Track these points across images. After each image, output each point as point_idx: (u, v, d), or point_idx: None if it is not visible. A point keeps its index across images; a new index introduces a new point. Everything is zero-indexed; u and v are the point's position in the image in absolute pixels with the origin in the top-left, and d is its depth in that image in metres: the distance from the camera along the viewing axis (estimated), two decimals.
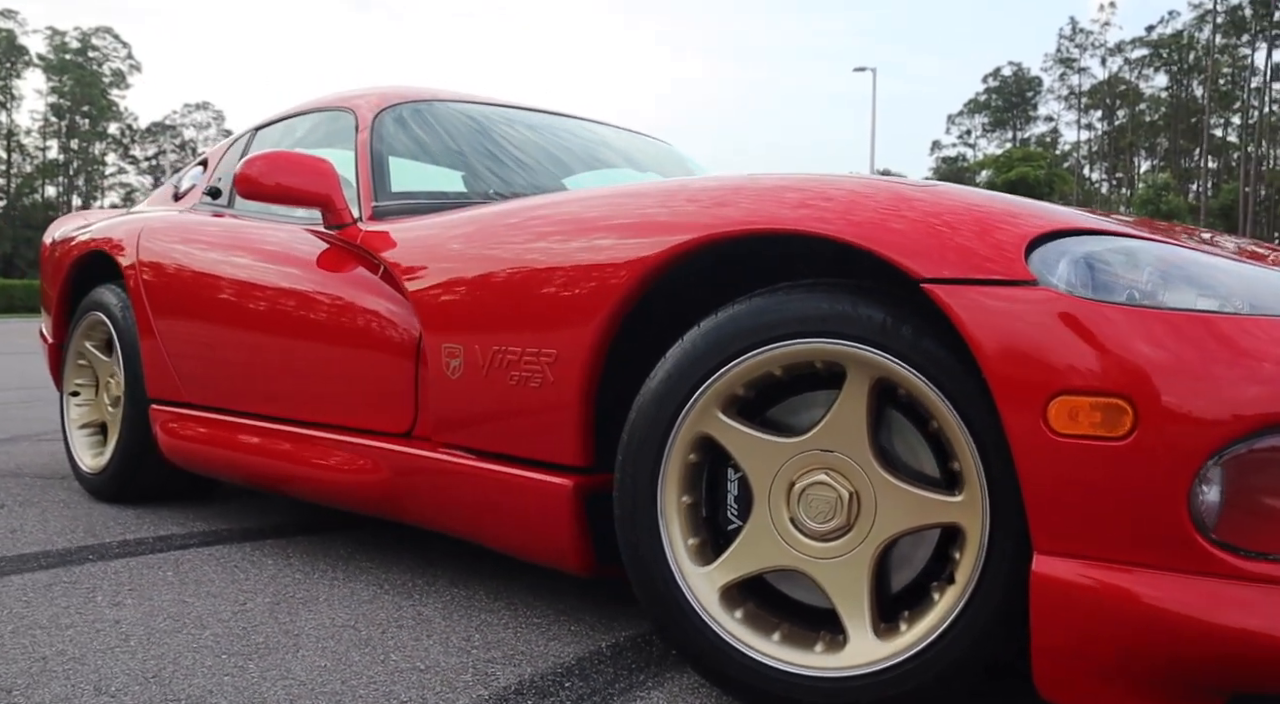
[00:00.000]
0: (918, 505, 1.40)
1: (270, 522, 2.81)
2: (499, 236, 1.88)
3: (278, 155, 2.37)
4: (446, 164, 2.56)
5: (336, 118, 2.78)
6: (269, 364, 2.42)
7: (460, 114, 2.72)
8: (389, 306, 2.18)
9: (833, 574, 1.45)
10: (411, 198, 2.44)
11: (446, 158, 2.57)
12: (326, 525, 2.76)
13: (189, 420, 2.69)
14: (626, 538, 1.56)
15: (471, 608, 2.00)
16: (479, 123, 2.71)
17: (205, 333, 2.61)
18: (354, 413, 2.22)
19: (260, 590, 2.10)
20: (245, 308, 2.49)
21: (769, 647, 1.46)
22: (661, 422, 1.52)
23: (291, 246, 2.46)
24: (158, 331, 2.78)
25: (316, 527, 2.74)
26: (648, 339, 1.68)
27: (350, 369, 2.22)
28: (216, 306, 2.57)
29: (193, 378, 2.68)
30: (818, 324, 1.42)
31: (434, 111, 2.69)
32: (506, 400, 1.81)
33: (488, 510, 1.88)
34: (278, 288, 2.42)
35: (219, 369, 2.59)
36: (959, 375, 1.34)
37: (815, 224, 1.40)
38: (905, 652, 1.38)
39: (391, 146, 2.55)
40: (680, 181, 1.69)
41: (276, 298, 2.42)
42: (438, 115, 2.68)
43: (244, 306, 2.50)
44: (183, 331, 2.69)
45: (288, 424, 2.39)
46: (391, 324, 2.15)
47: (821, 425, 1.45)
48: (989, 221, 1.34)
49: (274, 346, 2.40)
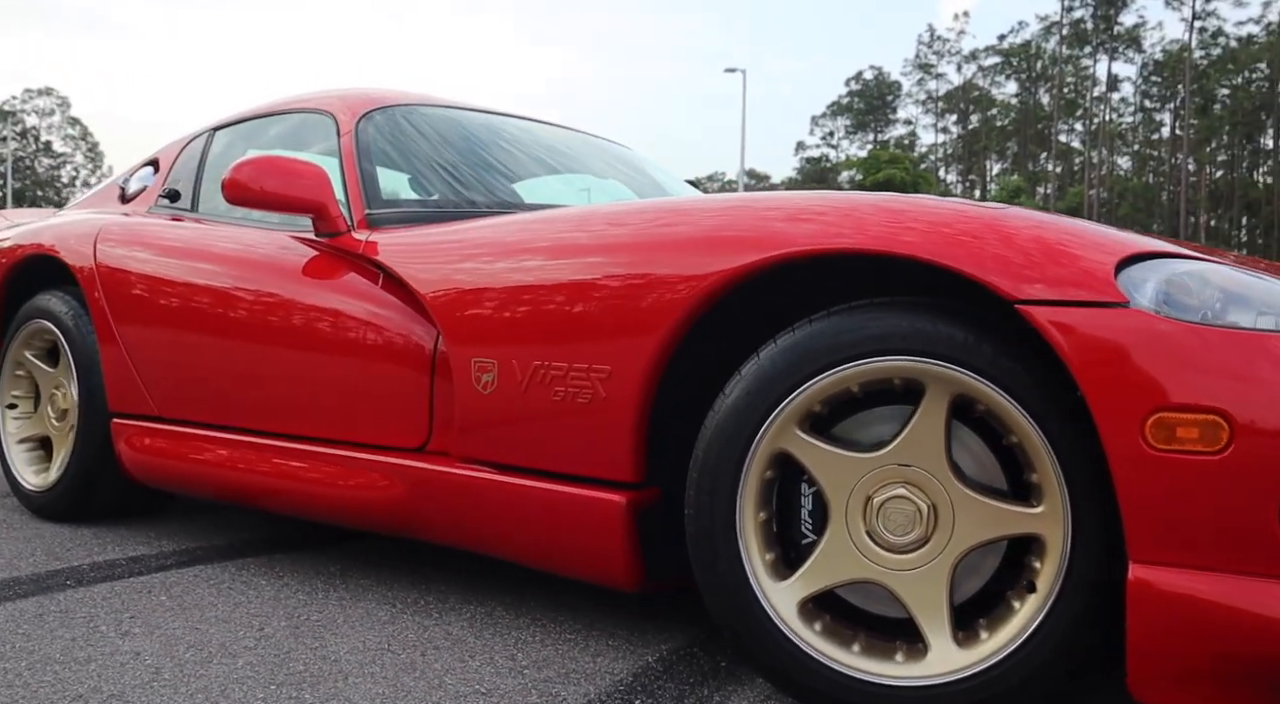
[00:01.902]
0: (996, 517, 1.46)
1: (238, 538, 2.71)
2: (539, 249, 1.87)
3: (267, 160, 2.29)
4: (433, 171, 2.51)
5: (311, 121, 2.69)
6: (259, 376, 2.34)
7: (445, 119, 2.67)
8: (395, 318, 2.13)
9: (911, 585, 1.49)
10: (403, 206, 2.38)
11: (433, 164, 2.52)
12: (301, 541, 2.67)
13: (161, 435, 2.56)
14: (702, 555, 1.57)
15: (497, 625, 1.98)
16: (465, 129, 2.67)
17: (183, 344, 2.49)
18: (359, 427, 2.16)
19: (270, 614, 2.02)
20: (230, 318, 2.39)
21: (850, 658, 1.50)
22: (740, 438, 1.53)
23: (280, 255, 2.38)
24: (123, 342, 2.64)
25: (290, 542, 2.66)
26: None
27: (354, 382, 2.16)
28: (196, 317, 2.46)
29: (166, 391, 2.56)
30: (899, 342, 1.46)
31: (418, 116, 2.64)
32: (549, 416, 1.79)
33: (524, 527, 1.86)
34: (267, 297, 2.34)
35: (199, 382, 2.48)
36: (1039, 391, 1.40)
37: (905, 246, 1.44)
38: (989, 659, 1.43)
39: (377, 152, 2.49)
40: (743, 197, 1.70)
41: (266, 308, 2.33)
42: (422, 120, 2.63)
43: (229, 317, 2.40)
44: (155, 342, 2.56)
45: (280, 439, 2.30)
46: (400, 336, 2.11)
47: (899, 440, 1.49)
48: (1075, 244, 1.40)
49: (264, 358, 2.32)
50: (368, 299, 2.19)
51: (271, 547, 2.62)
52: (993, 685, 1.42)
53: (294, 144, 2.72)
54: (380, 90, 2.73)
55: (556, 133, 3.03)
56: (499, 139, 2.72)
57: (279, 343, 2.29)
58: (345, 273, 2.26)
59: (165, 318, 2.54)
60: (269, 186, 2.28)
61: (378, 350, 2.13)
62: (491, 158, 2.61)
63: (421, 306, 2.09)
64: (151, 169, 3.18)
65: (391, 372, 2.11)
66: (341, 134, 2.54)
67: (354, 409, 2.17)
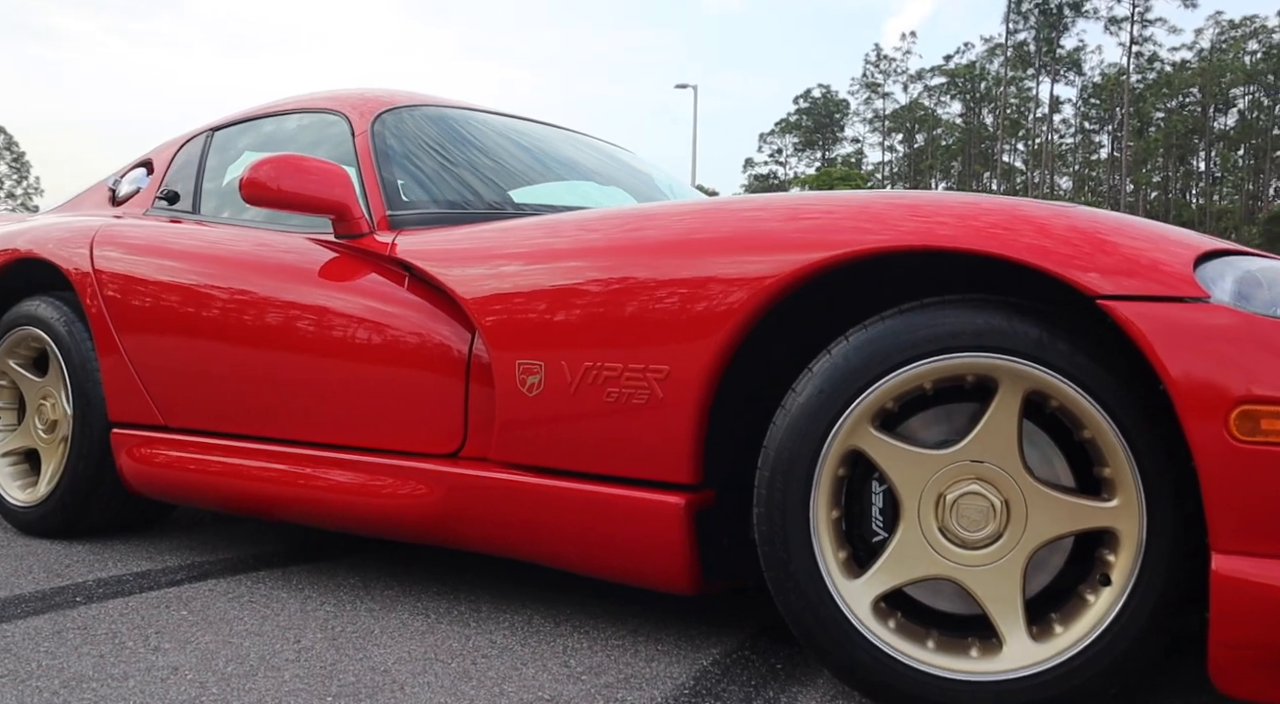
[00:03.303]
0: (1070, 512, 1.46)
1: (246, 551, 2.64)
2: (592, 250, 1.84)
3: (287, 159, 2.24)
4: (451, 173, 2.48)
5: (321, 121, 2.65)
6: (279, 382, 2.28)
7: (461, 120, 2.64)
8: (425, 321, 2.09)
9: (985, 580, 1.49)
10: (427, 207, 2.35)
11: (452, 166, 2.49)
12: (313, 554, 2.61)
13: (169, 445, 2.49)
14: (775, 554, 1.55)
15: (540, 633, 1.94)
16: (481, 130, 2.64)
17: (196, 351, 2.43)
18: (388, 432, 2.12)
19: (302, 626, 1.97)
20: (248, 323, 2.33)
21: (925, 655, 1.49)
22: (814, 437, 1.52)
23: (299, 257, 2.33)
24: (126, 350, 2.57)
25: (303, 555, 2.59)
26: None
27: (383, 386, 2.12)
28: (210, 322, 2.40)
29: (176, 400, 2.49)
30: (973, 339, 1.46)
31: (433, 117, 2.61)
32: (602, 418, 1.77)
33: (573, 532, 1.83)
34: (287, 301, 2.28)
35: (213, 389, 2.41)
36: (1114, 386, 1.41)
37: (987, 243, 1.44)
38: (1066, 652, 1.43)
39: (396, 153, 2.45)
40: (801, 196, 1.70)
41: (287, 312, 2.28)
42: (438, 121, 2.60)
43: (246, 321, 2.34)
44: (164, 350, 2.49)
45: (302, 446, 2.25)
46: (431, 339, 2.07)
47: (972, 437, 1.49)
48: (1152, 242, 1.42)
49: (286, 364, 2.26)
50: (395, 302, 2.15)
51: (285, 560, 2.55)
52: (1071, 679, 1.42)
53: (301, 146, 2.67)
54: (391, 91, 2.70)
55: (569, 136, 3.01)
56: (516, 141, 2.69)
57: (301, 348, 2.24)
58: (370, 275, 2.22)
59: (176, 324, 2.47)
60: (288, 186, 2.23)
61: (408, 353, 2.09)
62: (512, 160, 2.59)
63: (455, 309, 2.06)
64: (144, 171, 3.11)
65: (423, 375, 2.07)
66: (356, 135, 2.50)
67: (383, 414, 2.13)
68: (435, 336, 2.07)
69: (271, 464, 2.29)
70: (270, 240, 2.45)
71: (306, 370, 2.23)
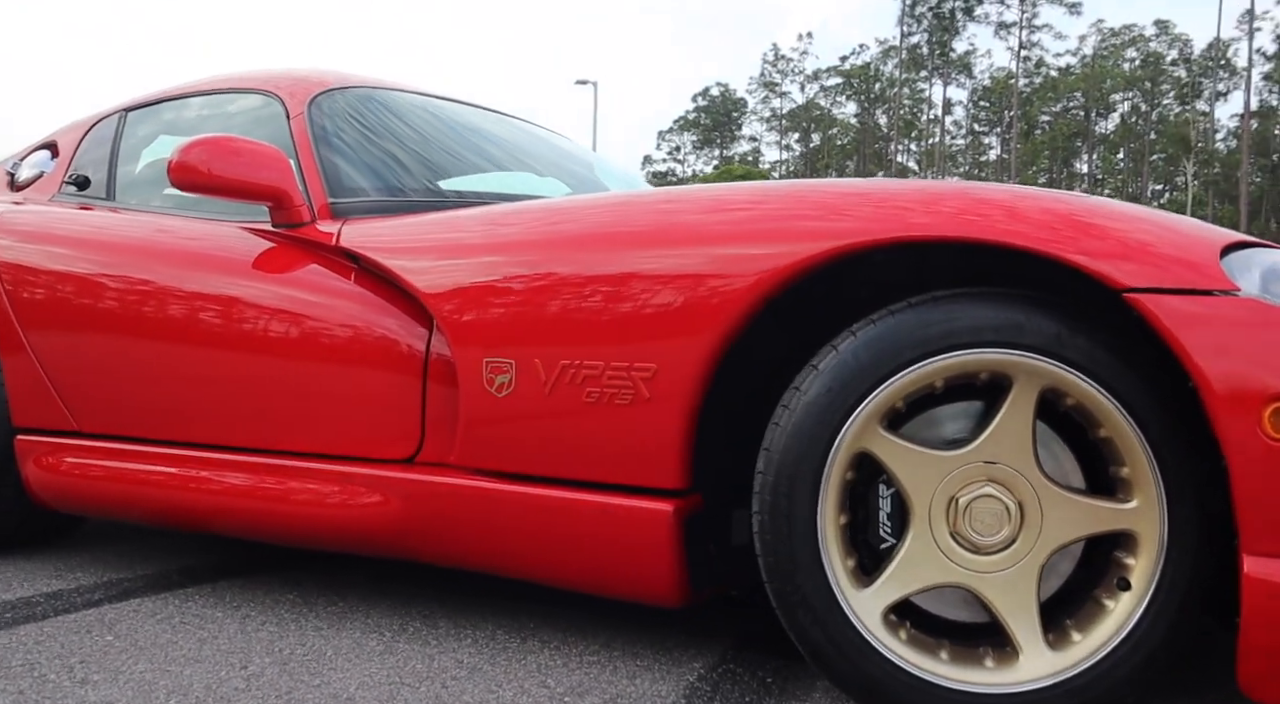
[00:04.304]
0: (1087, 514, 1.40)
1: (168, 566, 2.44)
2: (563, 241, 1.72)
3: (220, 141, 2.06)
4: (395, 159, 2.32)
5: (250, 102, 2.46)
6: (211, 383, 2.10)
7: (404, 104, 2.49)
8: (376, 316, 1.94)
9: (998, 587, 1.42)
10: (373, 195, 2.19)
11: (397, 152, 2.33)
12: (243, 567, 2.43)
13: (85, 453, 2.28)
14: (778, 565, 1.45)
15: (507, 650, 1.82)
16: (427, 115, 2.49)
17: (115, 350, 2.22)
18: (336, 437, 1.96)
19: (246, 649, 1.80)
20: (175, 319, 2.14)
21: (940, 667, 1.41)
22: (821, 438, 1.43)
23: (233, 248, 2.15)
24: (32, 349, 2.34)
25: (231, 569, 2.41)
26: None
27: (330, 387, 1.96)
28: (132, 319, 2.19)
29: (93, 403, 2.28)
30: (990, 334, 1.39)
31: (374, 100, 2.44)
32: (581, 420, 1.65)
33: (549, 542, 1.71)
34: (220, 295, 2.10)
35: (136, 392, 2.21)
36: (1135, 383, 1.36)
37: (1009, 235, 1.37)
38: (1086, 660, 1.37)
39: (336, 137, 2.29)
40: (807, 184, 1.60)
41: (220, 307, 2.09)
42: (379, 104, 2.43)
43: (174, 317, 2.15)
44: (78, 349, 2.27)
45: (241, 453, 2.07)
46: (384, 336, 1.92)
47: (985, 437, 1.42)
48: (1176, 233, 1.36)
49: (218, 363, 2.08)
50: (341, 295, 1.99)
51: (213, 575, 2.36)
52: (1092, 688, 1.36)
53: (228, 129, 2.47)
54: (324, 70, 2.52)
55: (509, 121, 2.87)
56: (462, 126, 2.55)
57: (237, 345, 2.06)
58: (311, 266, 2.06)
59: (91, 321, 2.26)
60: (222, 170, 2.05)
61: (356, 351, 1.94)
62: (460, 146, 2.44)
63: (409, 303, 1.92)
64: (48, 154, 2.86)
65: (373, 374, 1.92)
66: (292, 117, 2.32)
67: (329, 417, 1.97)
68: (387, 333, 1.92)
69: (203, 472, 2.11)
70: (199, 229, 2.26)
71: (243, 370, 2.05)
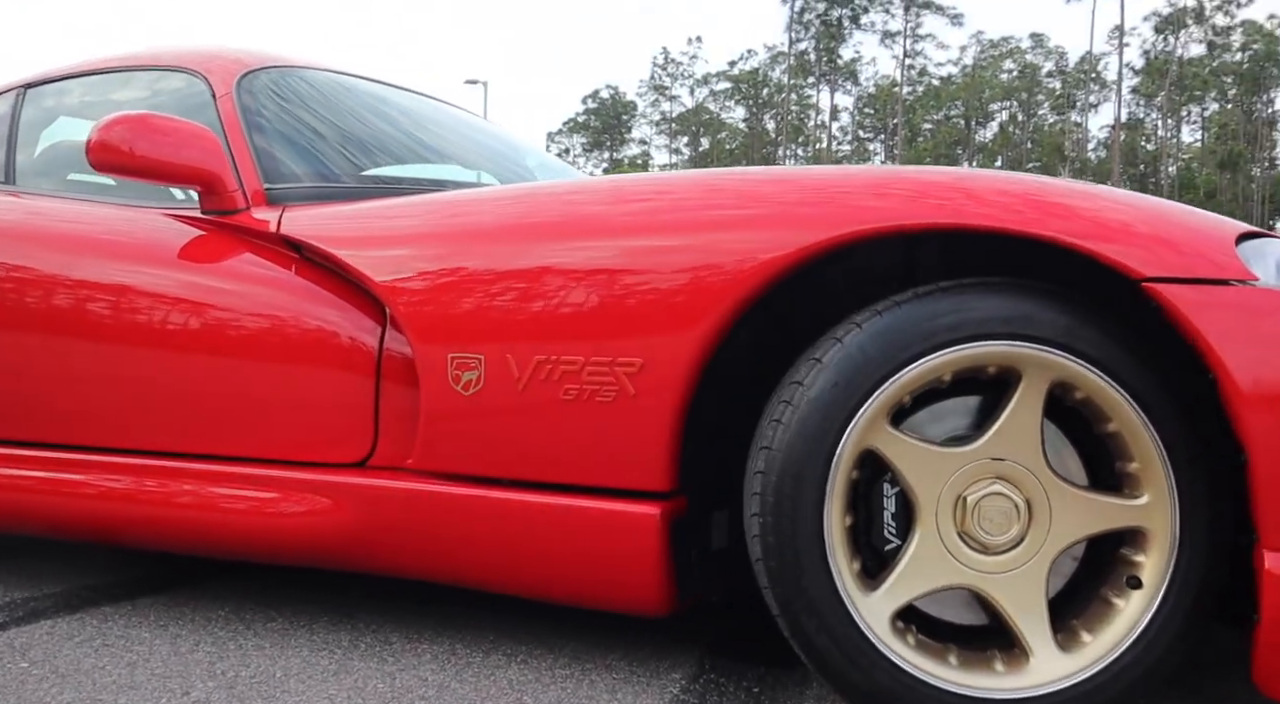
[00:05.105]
0: (1097, 511, 1.36)
1: (77, 584, 2.23)
2: (536, 228, 1.62)
3: (144, 119, 1.89)
4: (335, 143, 2.18)
5: (171, 80, 2.28)
6: (133, 383, 1.92)
7: (338, 86, 2.34)
8: (322, 310, 1.81)
9: (1007, 588, 1.37)
10: (309, 180, 2.04)
11: (336, 136, 2.19)
12: (157, 583, 2.24)
13: None
14: (781, 569, 1.37)
15: (471, 665, 1.70)
16: (362, 98, 2.34)
17: (18, 348, 2.02)
18: (276, 440, 1.82)
19: (184, 673, 1.64)
20: (91, 314, 1.96)
21: (949, 673, 1.36)
22: (827, 435, 1.36)
23: (157, 237, 1.97)
24: None
25: (146, 585, 2.22)
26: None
27: (271, 386, 1.81)
28: (39, 314, 2.00)
29: None
30: (1000, 326, 1.34)
31: (307, 80, 2.29)
32: (558, 419, 1.55)
33: (526, 550, 1.60)
34: (145, 288, 1.93)
35: (43, 393, 2.01)
36: (1144, 375, 1.33)
37: (1025, 224, 1.32)
38: (1099, 662, 1.34)
39: (269, 119, 2.13)
40: (803, 170, 1.53)
41: (144, 301, 1.92)
42: (313, 86, 2.28)
43: (89, 312, 1.96)
44: None
45: (171, 458, 1.90)
46: (330, 331, 1.79)
47: (992, 432, 1.37)
48: (1191, 222, 1.33)
49: (142, 361, 1.91)
50: (281, 287, 1.85)
51: (129, 591, 2.18)
52: (1105, 690, 1.33)
53: (150, 107, 2.28)
54: (249, 49, 2.36)
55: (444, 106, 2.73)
56: (404, 111, 2.41)
57: (164, 343, 1.89)
58: (246, 256, 1.90)
59: None
60: (146, 150, 1.88)
61: (299, 347, 1.80)
62: (404, 131, 2.31)
63: (360, 295, 1.79)
64: None
65: (320, 372, 1.78)
66: (219, 98, 2.15)
67: (268, 418, 1.82)
68: (334, 327, 1.79)
69: (128, 479, 1.93)
70: (116, 216, 2.07)
71: (171, 368, 1.88)
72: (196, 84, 2.21)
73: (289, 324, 1.81)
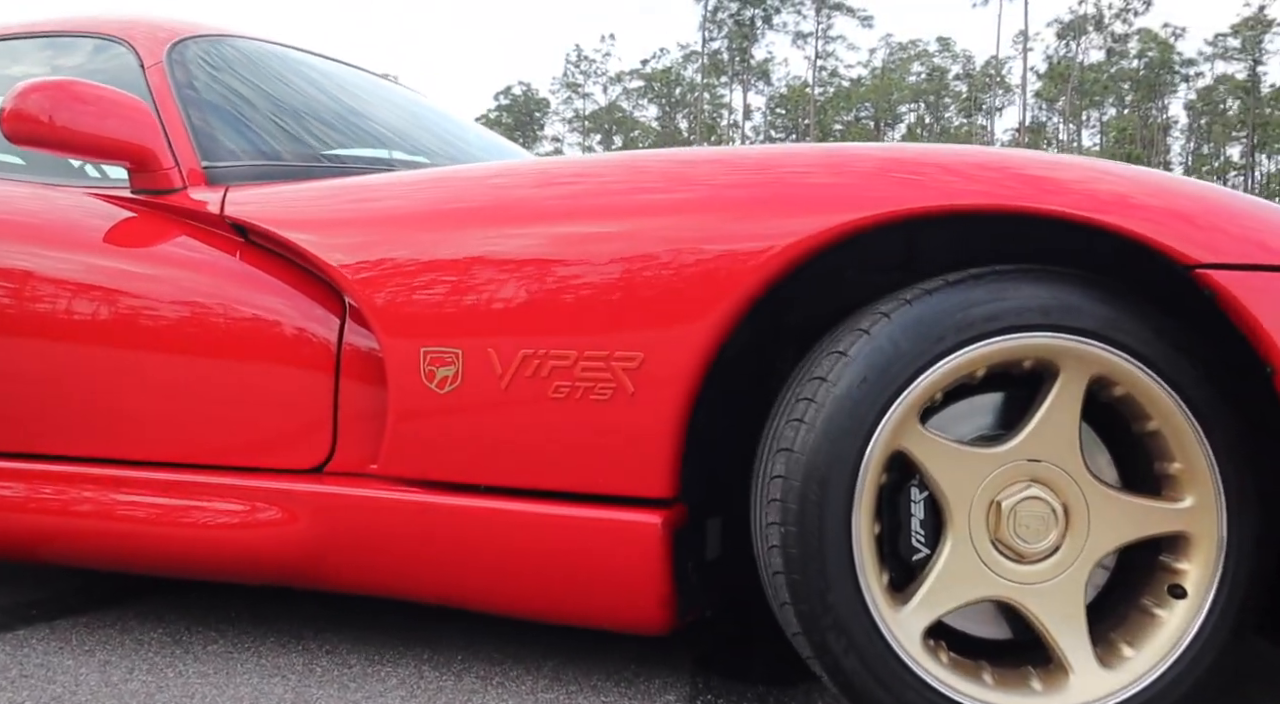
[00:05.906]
0: (1138, 515, 1.27)
1: None
2: (515, 206, 1.47)
3: (66, 86, 1.69)
4: (277, 117, 1.99)
5: (92, 48, 2.06)
6: (63, 383, 1.71)
7: (279, 58, 2.14)
8: (272, 300, 1.64)
9: (1046, 600, 1.27)
10: (252, 158, 1.86)
11: (277, 110, 2.00)
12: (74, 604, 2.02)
13: None
14: (807, 584, 1.25)
15: (444, 690, 1.54)
16: (304, 71, 2.16)
17: None
18: (221, 445, 1.64)
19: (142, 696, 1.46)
20: (9, 309, 1.75)
21: (985, 693, 1.25)
22: (856, 436, 1.24)
23: (79, 219, 1.77)
24: None
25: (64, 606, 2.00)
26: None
27: (214, 385, 1.63)
28: None
29: None
30: (1038, 317, 1.24)
31: (240, 50, 2.09)
32: (547, 419, 1.41)
33: (507, 564, 1.45)
34: (69, 276, 1.72)
35: None
36: (1190, 370, 1.24)
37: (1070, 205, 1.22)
38: (1145, 677, 1.25)
39: (203, 92, 1.94)
40: (821, 148, 1.40)
41: (68, 290, 1.72)
42: (246, 56, 2.09)
43: (7, 307, 1.75)
44: None
45: (102, 465, 1.70)
46: (282, 323, 1.62)
47: (1028, 431, 1.27)
48: (1238, 205, 1.25)
49: (65, 358, 1.70)
50: (224, 275, 1.67)
51: (47, 613, 1.96)
52: None
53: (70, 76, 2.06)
54: (178, 17, 2.15)
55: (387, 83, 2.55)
56: (350, 85, 2.23)
57: (90, 338, 1.69)
58: (183, 239, 1.71)
59: None
60: (68, 121, 1.68)
61: (248, 341, 1.62)
62: (352, 106, 2.13)
63: (315, 284, 1.62)
64: None
65: (270, 368, 1.61)
66: (148, 68, 1.95)
67: (210, 420, 1.64)
68: (285, 318, 1.62)
69: (45, 490, 1.72)
70: (29, 195, 1.86)
71: (99, 365, 1.69)
72: (120, 53, 2.00)
73: (232, 314, 1.64)
